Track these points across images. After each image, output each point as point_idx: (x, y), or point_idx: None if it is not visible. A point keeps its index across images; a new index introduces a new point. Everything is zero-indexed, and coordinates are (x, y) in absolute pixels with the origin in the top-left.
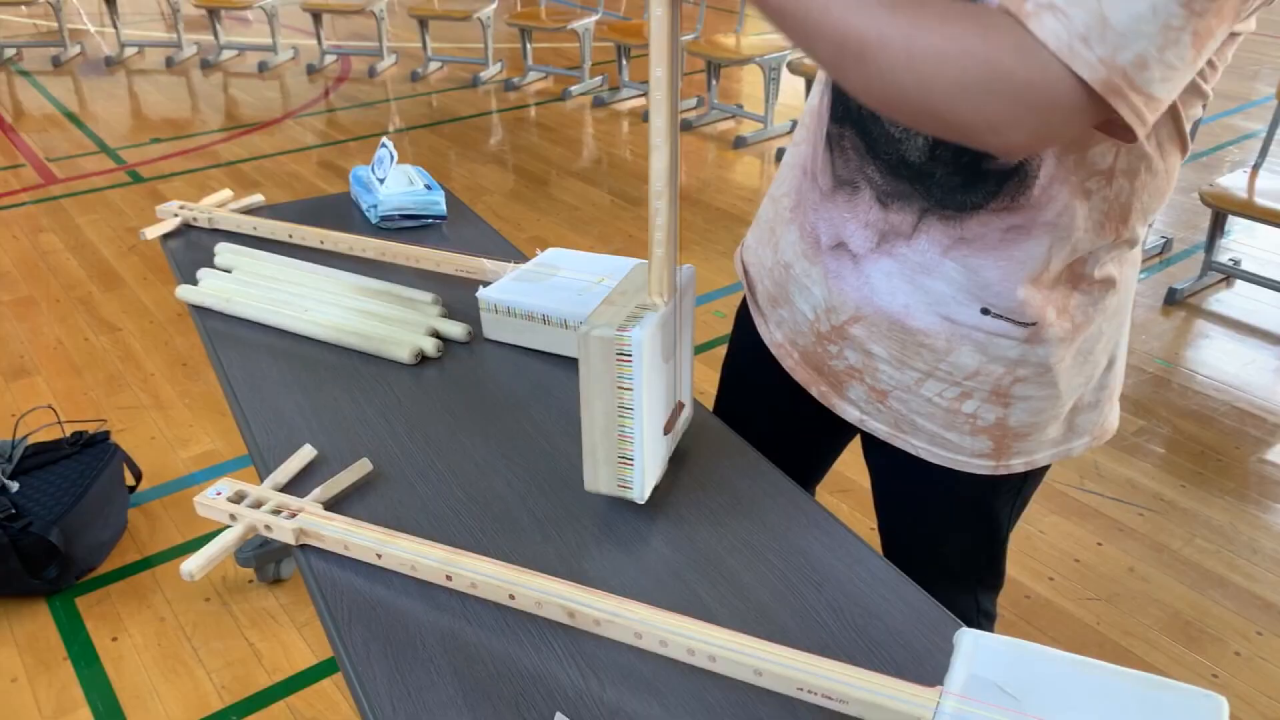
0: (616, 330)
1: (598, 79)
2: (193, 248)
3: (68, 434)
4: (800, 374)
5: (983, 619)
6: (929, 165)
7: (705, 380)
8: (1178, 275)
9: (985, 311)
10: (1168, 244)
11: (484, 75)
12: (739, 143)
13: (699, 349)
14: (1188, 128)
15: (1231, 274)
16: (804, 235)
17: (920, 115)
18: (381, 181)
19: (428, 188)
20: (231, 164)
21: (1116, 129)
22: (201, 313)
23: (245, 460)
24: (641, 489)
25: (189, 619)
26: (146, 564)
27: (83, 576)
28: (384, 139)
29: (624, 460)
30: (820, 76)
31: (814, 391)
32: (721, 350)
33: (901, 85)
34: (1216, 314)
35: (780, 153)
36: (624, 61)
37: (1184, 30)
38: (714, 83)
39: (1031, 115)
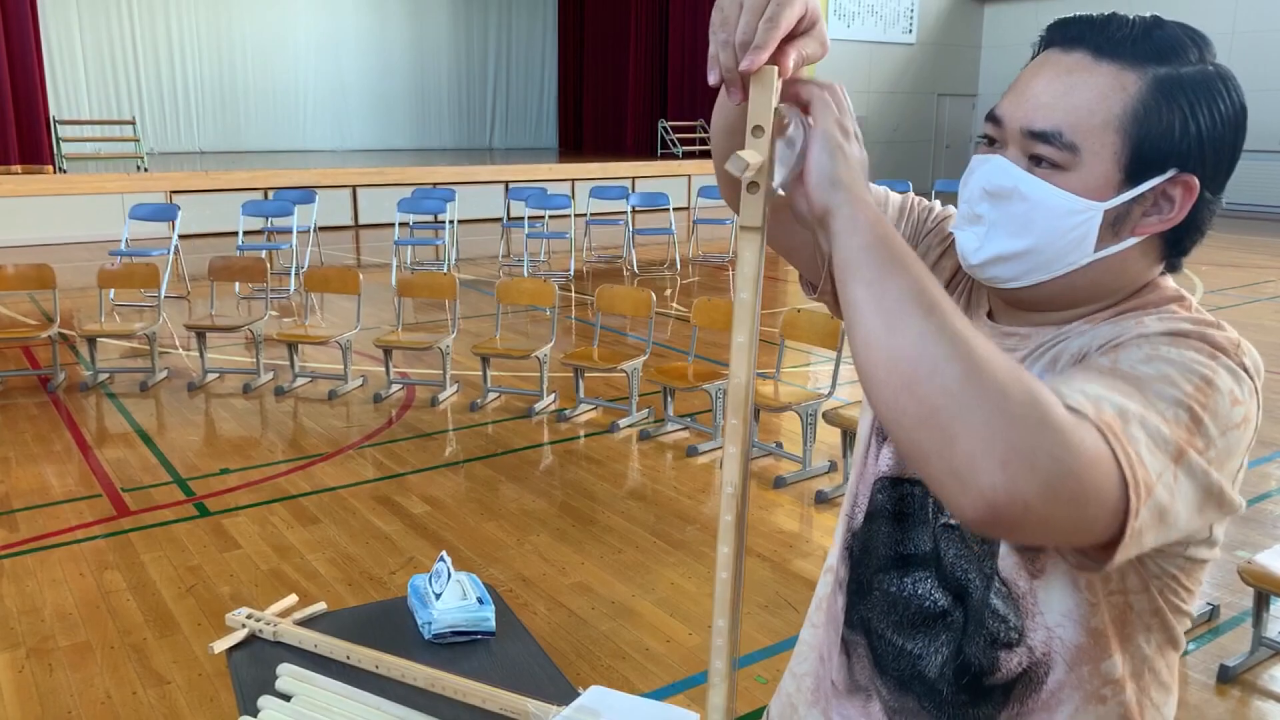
0: None
1: (644, 411)
2: (255, 662)
3: None
4: None
5: None
6: (937, 682)
7: None
8: (1228, 647)
9: None
10: (1214, 611)
11: (538, 406)
12: (779, 482)
13: None
14: (1178, 630)
15: None
16: None
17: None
18: (438, 596)
19: (480, 601)
20: (294, 498)
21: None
22: None
23: None
24: None
25: None
26: None
27: None
28: (442, 553)
29: None
30: (832, 563)
31: None
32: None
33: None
34: (1275, 694)
35: (820, 495)
36: (669, 398)
37: None
38: (754, 423)
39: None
